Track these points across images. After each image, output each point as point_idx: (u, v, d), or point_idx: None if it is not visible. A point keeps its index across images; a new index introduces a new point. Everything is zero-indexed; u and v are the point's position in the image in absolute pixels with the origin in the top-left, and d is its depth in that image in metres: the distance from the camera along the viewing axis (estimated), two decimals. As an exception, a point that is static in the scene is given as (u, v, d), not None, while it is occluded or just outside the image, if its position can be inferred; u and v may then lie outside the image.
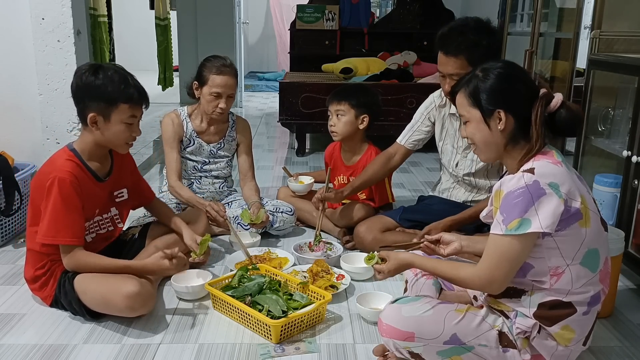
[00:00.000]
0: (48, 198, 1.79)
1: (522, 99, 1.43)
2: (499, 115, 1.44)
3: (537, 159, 1.41)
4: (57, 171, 1.80)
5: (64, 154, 1.87)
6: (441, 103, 2.42)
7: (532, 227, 1.33)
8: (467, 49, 2.05)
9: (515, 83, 1.45)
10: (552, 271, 1.41)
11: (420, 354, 1.49)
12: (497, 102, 1.44)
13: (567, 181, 1.38)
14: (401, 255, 1.65)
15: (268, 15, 10.44)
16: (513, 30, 4.42)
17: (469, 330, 1.47)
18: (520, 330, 1.45)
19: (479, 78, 1.47)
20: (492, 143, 1.48)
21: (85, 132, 1.89)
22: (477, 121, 1.49)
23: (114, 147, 1.93)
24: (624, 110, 2.53)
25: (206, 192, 2.73)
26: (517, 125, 1.45)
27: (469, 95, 1.49)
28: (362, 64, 5.10)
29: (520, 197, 1.34)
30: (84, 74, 1.81)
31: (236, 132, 2.77)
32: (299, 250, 2.44)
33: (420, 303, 1.52)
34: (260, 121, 6.20)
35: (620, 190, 2.25)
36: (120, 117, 1.83)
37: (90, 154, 1.90)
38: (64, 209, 1.79)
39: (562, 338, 1.44)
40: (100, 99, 1.80)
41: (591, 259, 1.42)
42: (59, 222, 1.79)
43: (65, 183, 1.79)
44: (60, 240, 1.81)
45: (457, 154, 2.37)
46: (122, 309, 1.80)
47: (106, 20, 6.82)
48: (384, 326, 1.52)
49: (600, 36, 2.74)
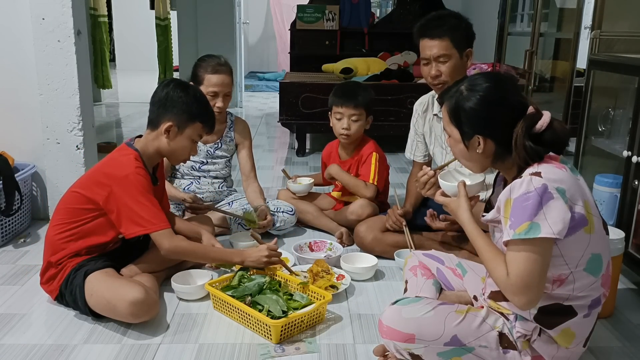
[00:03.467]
0: (125, 194, 1.85)
1: (502, 125, 1.40)
2: (477, 140, 1.43)
3: (541, 163, 1.38)
4: (129, 167, 1.88)
5: (130, 153, 1.95)
6: (423, 109, 2.45)
7: (543, 232, 1.30)
8: (449, 31, 2.17)
9: (497, 108, 1.41)
10: (555, 277, 1.39)
11: (420, 355, 1.48)
12: (476, 127, 1.42)
13: (572, 186, 1.36)
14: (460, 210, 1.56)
15: (268, 15, 10.44)
16: (513, 30, 4.42)
17: (469, 332, 1.46)
18: (521, 334, 1.45)
19: (463, 96, 1.44)
20: (473, 160, 1.49)
21: (150, 137, 1.99)
22: (456, 140, 1.48)
23: (173, 158, 2.05)
24: (624, 111, 2.53)
25: (205, 192, 2.73)
26: (500, 147, 1.43)
27: (450, 112, 1.47)
28: (362, 64, 5.10)
29: (529, 200, 1.32)
30: (176, 87, 1.98)
31: (235, 132, 2.77)
32: (299, 250, 2.44)
33: (420, 304, 1.51)
34: (260, 121, 6.20)
35: (621, 191, 2.25)
36: (192, 133, 1.99)
37: (149, 158, 2.00)
38: (145, 199, 1.87)
39: (562, 340, 1.43)
40: (183, 112, 1.96)
41: (594, 264, 1.40)
42: (148, 212, 1.87)
43: (140, 177, 1.89)
44: (153, 227, 1.87)
45: (447, 153, 2.38)
46: (125, 315, 1.81)
47: (106, 20, 6.85)
48: (384, 328, 1.52)
49: (601, 36, 2.75)
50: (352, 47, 6.49)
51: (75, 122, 2.70)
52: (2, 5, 2.64)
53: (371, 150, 2.70)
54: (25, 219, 2.71)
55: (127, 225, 1.87)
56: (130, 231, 1.88)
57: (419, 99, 2.48)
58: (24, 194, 2.62)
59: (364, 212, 2.58)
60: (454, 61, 2.18)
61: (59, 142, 2.71)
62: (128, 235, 1.89)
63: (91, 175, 1.98)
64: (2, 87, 2.72)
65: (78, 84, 2.66)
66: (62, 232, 1.92)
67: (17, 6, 2.63)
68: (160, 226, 1.88)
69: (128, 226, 1.87)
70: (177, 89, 1.98)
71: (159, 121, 1.97)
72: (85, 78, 2.75)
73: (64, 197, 1.99)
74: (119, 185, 1.85)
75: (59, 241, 1.92)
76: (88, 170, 2.12)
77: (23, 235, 2.65)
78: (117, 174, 1.87)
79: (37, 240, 2.61)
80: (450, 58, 2.18)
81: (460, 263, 1.81)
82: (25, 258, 2.42)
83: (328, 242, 2.51)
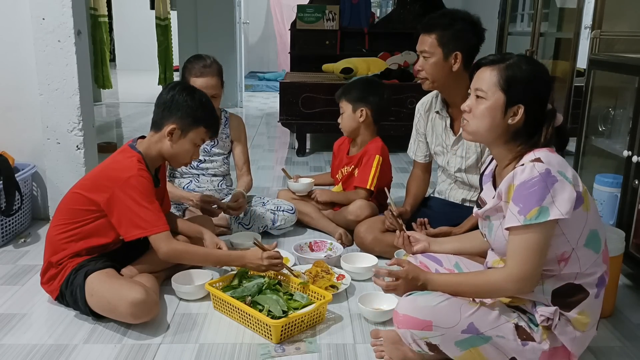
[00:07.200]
0: (126, 196, 1.84)
1: (543, 102, 1.48)
2: (517, 109, 1.47)
3: (536, 150, 1.45)
4: (132, 170, 1.88)
5: (133, 155, 1.94)
6: (425, 109, 2.44)
7: (552, 215, 1.36)
8: (438, 28, 2.16)
9: (546, 86, 1.50)
10: (560, 257, 1.44)
11: (438, 345, 1.48)
12: (524, 95, 1.47)
13: (569, 167, 1.43)
14: (418, 273, 1.58)
15: (268, 15, 10.44)
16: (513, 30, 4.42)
17: (485, 321, 1.47)
18: (544, 318, 1.46)
19: (520, 65, 1.48)
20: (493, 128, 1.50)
21: (153, 139, 1.99)
22: (495, 105, 1.49)
23: (174, 161, 2.04)
24: (625, 110, 2.53)
25: (205, 191, 2.73)
26: (526, 124, 1.48)
27: (504, 78, 1.48)
28: (362, 64, 5.09)
29: (536, 185, 1.37)
30: (182, 91, 1.98)
31: (230, 129, 2.79)
32: (299, 250, 2.44)
33: (434, 295, 1.52)
34: (260, 121, 6.20)
35: (621, 190, 2.25)
36: (195, 137, 1.99)
37: (151, 160, 2.00)
38: (146, 202, 1.87)
39: (579, 323, 1.47)
40: (187, 116, 1.96)
41: (593, 240, 1.47)
42: (149, 215, 1.86)
43: (143, 180, 1.89)
44: (153, 230, 1.87)
45: (447, 152, 2.38)
46: (125, 315, 1.81)
47: (106, 20, 6.84)
48: (400, 317, 1.51)
49: (601, 36, 2.74)
50: (352, 47, 6.48)
51: (75, 122, 2.70)
52: (2, 5, 2.64)
53: (375, 152, 2.70)
54: (25, 219, 2.71)
55: (127, 228, 1.87)
56: (130, 234, 1.87)
57: (421, 99, 2.48)
58: (24, 194, 2.62)
59: (363, 213, 2.59)
60: (436, 59, 2.17)
61: (59, 142, 2.71)
62: (128, 238, 1.89)
63: (93, 176, 1.98)
64: (2, 87, 2.72)
65: (78, 84, 2.66)
66: (63, 232, 1.92)
67: (17, 6, 2.63)
68: (160, 229, 1.88)
69: (128, 229, 1.87)
70: (183, 92, 1.98)
71: (162, 123, 1.97)
72: (86, 78, 2.75)
73: (65, 197, 1.99)
74: (121, 188, 1.85)
75: (60, 241, 1.92)
76: (90, 172, 2.12)
77: (23, 235, 2.65)
78: (119, 177, 1.87)
79: (37, 240, 2.61)
80: (432, 55, 2.17)
81: (457, 264, 1.81)
82: (25, 258, 2.42)
83: (328, 242, 2.51)
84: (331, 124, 2.83)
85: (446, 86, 2.24)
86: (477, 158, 2.28)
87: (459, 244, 1.88)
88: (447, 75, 2.19)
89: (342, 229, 2.63)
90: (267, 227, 2.66)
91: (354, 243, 2.58)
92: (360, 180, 2.70)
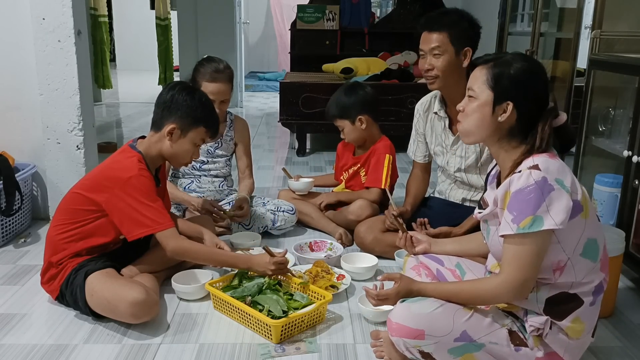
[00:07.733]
0: (127, 196, 1.84)
1: (534, 100, 1.45)
2: (506, 106, 1.45)
3: (536, 155, 1.41)
4: (133, 170, 1.88)
5: (134, 155, 1.94)
6: (425, 110, 2.44)
7: (546, 225, 1.33)
8: (448, 25, 2.17)
9: (538, 82, 1.46)
10: (555, 266, 1.42)
11: (431, 353, 1.47)
12: (512, 92, 1.44)
13: (568, 174, 1.39)
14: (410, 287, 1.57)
15: (268, 15, 10.44)
16: (513, 30, 4.42)
17: (479, 328, 1.46)
18: (534, 328, 1.45)
19: (509, 61, 1.47)
20: (484, 127, 1.49)
21: (153, 139, 1.99)
22: (484, 103, 1.48)
23: (174, 161, 2.04)
24: (625, 110, 2.53)
25: (206, 191, 2.73)
26: (519, 122, 1.45)
27: (492, 73, 1.47)
28: (362, 64, 5.10)
29: (531, 194, 1.34)
30: (182, 91, 1.98)
31: (234, 131, 2.78)
32: (299, 250, 2.44)
33: (428, 301, 1.51)
34: (260, 121, 6.20)
35: (621, 190, 2.25)
36: (195, 137, 1.99)
37: (151, 160, 2.00)
38: (149, 200, 1.87)
39: (573, 331, 1.45)
40: (187, 116, 1.96)
41: (591, 249, 1.43)
42: (153, 212, 1.86)
43: (144, 179, 1.89)
44: (159, 227, 1.87)
45: (447, 152, 2.37)
46: (125, 315, 1.81)
47: (106, 20, 6.84)
48: (393, 325, 1.50)
49: (601, 36, 2.74)
50: (352, 47, 6.48)
51: (75, 122, 2.70)
52: (2, 6, 2.64)
53: (385, 151, 2.69)
54: (25, 219, 2.71)
55: (129, 228, 1.87)
56: (133, 233, 1.87)
57: (421, 100, 2.48)
58: (24, 194, 2.62)
59: (364, 213, 2.58)
60: (448, 57, 2.17)
61: (60, 142, 2.72)
62: (131, 238, 1.89)
63: (94, 176, 1.97)
64: (2, 87, 2.72)
65: (78, 84, 2.66)
66: (63, 232, 1.92)
67: (17, 6, 2.63)
68: (166, 225, 1.88)
69: (130, 228, 1.87)
70: (183, 92, 1.98)
71: (162, 123, 1.97)
72: (86, 78, 2.75)
73: (66, 197, 1.99)
74: (122, 188, 1.85)
75: (60, 241, 1.92)
76: (90, 171, 2.11)
77: (23, 235, 2.65)
78: (120, 177, 1.87)
79: (37, 240, 2.61)
80: (444, 52, 2.17)
81: (459, 264, 1.81)
82: (25, 258, 2.42)
83: (328, 242, 2.51)
84: (331, 124, 2.82)
85: (453, 84, 2.23)
86: (476, 158, 2.28)
87: (460, 245, 1.87)
88: (457, 72, 2.20)
89: (342, 229, 2.63)
90: (267, 228, 2.66)
91: (354, 243, 2.58)
92: (373, 180, 2.68)
